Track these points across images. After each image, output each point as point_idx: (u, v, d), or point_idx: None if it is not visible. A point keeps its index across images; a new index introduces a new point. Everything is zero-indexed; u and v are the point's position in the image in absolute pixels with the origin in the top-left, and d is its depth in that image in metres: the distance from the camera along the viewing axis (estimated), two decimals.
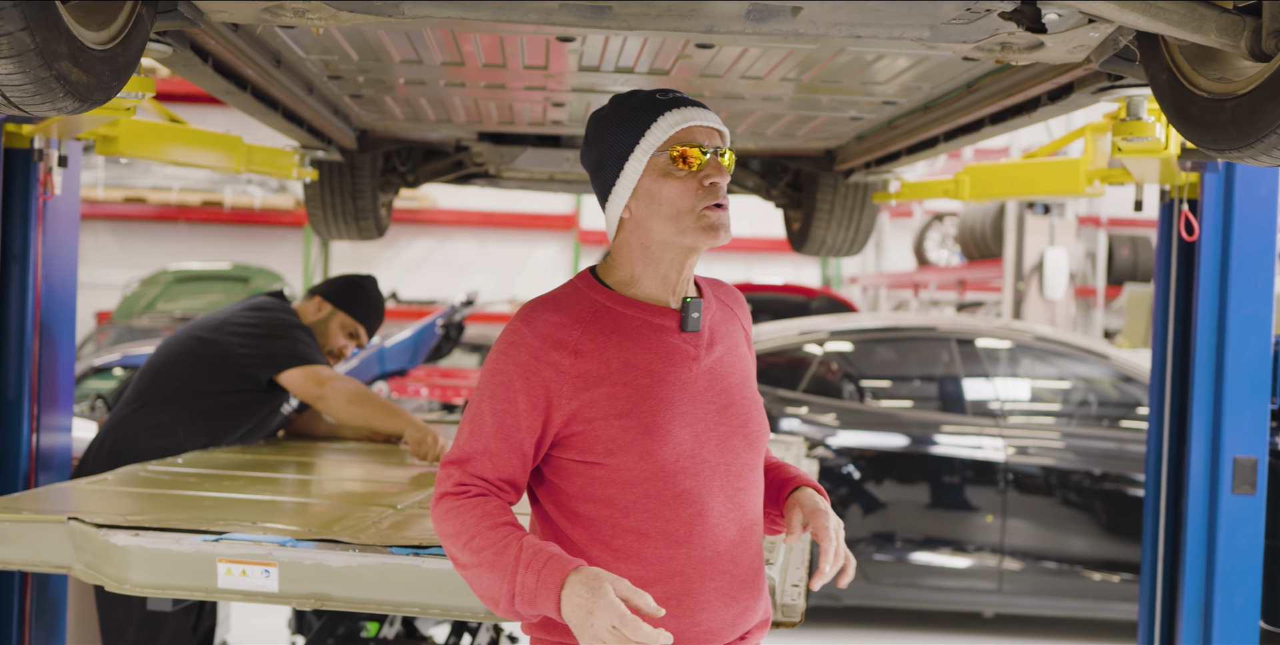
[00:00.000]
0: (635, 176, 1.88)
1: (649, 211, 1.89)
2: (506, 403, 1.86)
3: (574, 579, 1.74)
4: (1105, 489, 6.12)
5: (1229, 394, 3.44)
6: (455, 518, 1.85)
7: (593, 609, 1.70)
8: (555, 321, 1.87)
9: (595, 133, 1.95)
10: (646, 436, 1.85)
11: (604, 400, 1.86)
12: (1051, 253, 9.71)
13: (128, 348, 8.32)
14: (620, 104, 1.94)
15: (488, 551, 1.81)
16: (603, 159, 1.92)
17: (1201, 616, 3.48)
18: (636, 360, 1.88)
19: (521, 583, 1.77)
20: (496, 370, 1.88)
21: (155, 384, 3.77)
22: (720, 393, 1.94)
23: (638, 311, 1.91)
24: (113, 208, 14.24)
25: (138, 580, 2.39)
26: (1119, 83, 2.57)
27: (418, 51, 3.22)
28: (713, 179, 1.87)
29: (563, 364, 1.86)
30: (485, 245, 15.30)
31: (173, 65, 2.81)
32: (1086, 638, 6.41)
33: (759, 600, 1.98)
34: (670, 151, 1.87)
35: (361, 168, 4.89)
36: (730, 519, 1.92)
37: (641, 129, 1.88)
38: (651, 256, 1.91)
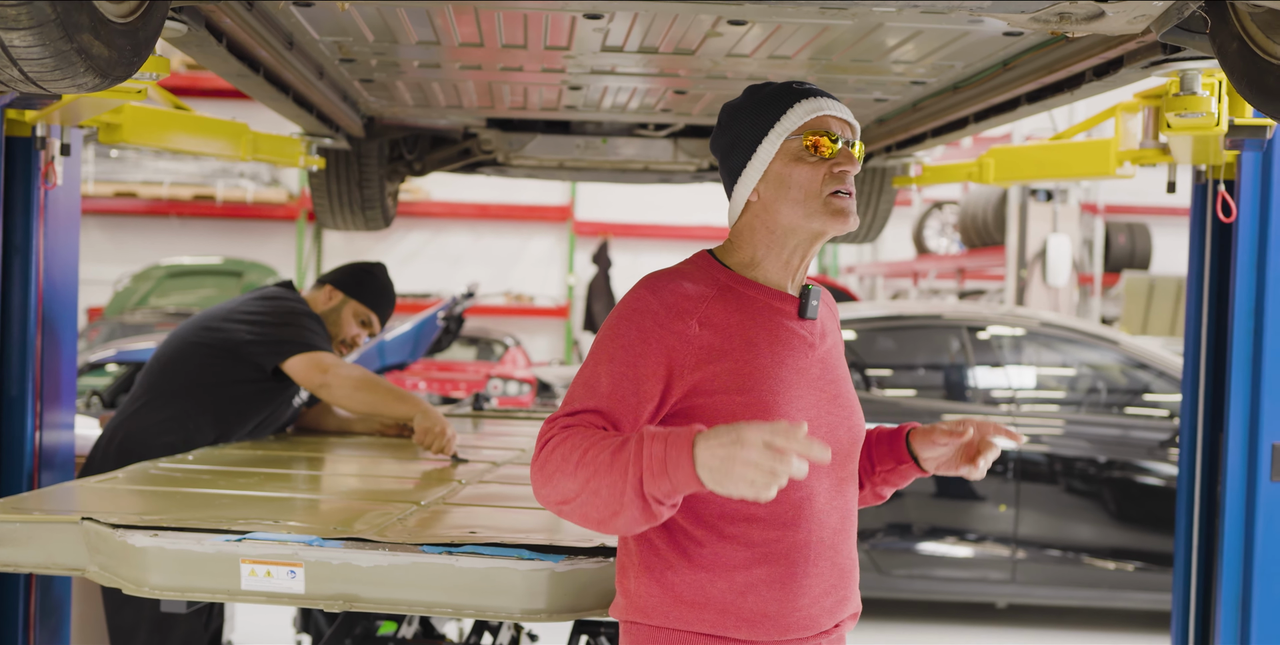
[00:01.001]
0: (767, 160, 1.90)
1: (778, 195, 1.90)
2: (626, 366, 1.83)
3: (706, 432, 1.68)
4: (1117, 477, 6.05)
5: (1267, 379, 3.35)
6: (562, 447, 1.77)
7: (738, 437, 1.63)
8: (682, 291, 1.88)
9: (728, 118, 1.97)
10: (765, 414, 1.84)
11: (725, 375, 1.84)
12: (1054, 239, 9.64)
13: (122, 343, 8.21)
14: (755, 92, 1.96)
15: (604, 454, 1.73)
16: (734, 142, 1.94)
17: (1239, 608, 3.39)
18: (757, 339, 1.88)
19: (650, 455, 1.69)
20: (618, 335, 1.85)
21: (163, 377, 3.68)
22: (830, 382, 1.96)
23: (759, 293, 1.92)
24: (103, 202, 14.08)
25: (157, 582, 2.29)
26: (1175, 55, 2.47)
27: (436, 32, 3.11)
28: (843, 167, 1.89)
29: (688, 333, 1.85)
30: (480, 237, 15.18)
31: (187, 45, 2.70)
32: (1101, 628, 6.35)
33: (853, 591, 1.98)
34: (804, 137, 1.89)
35: (369, 156, 4.79)
36: (834, 506, 1.93)
37: (777, 114, 1.90)
38: (776, 240, 1.93)
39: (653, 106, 4.18)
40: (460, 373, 10.56)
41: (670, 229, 14.86)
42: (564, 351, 14.89)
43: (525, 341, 14.24)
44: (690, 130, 4.75)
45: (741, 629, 1.86)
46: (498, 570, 2.23)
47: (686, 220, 14.73)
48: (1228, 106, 3.01)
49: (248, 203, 13.81)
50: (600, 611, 2.30)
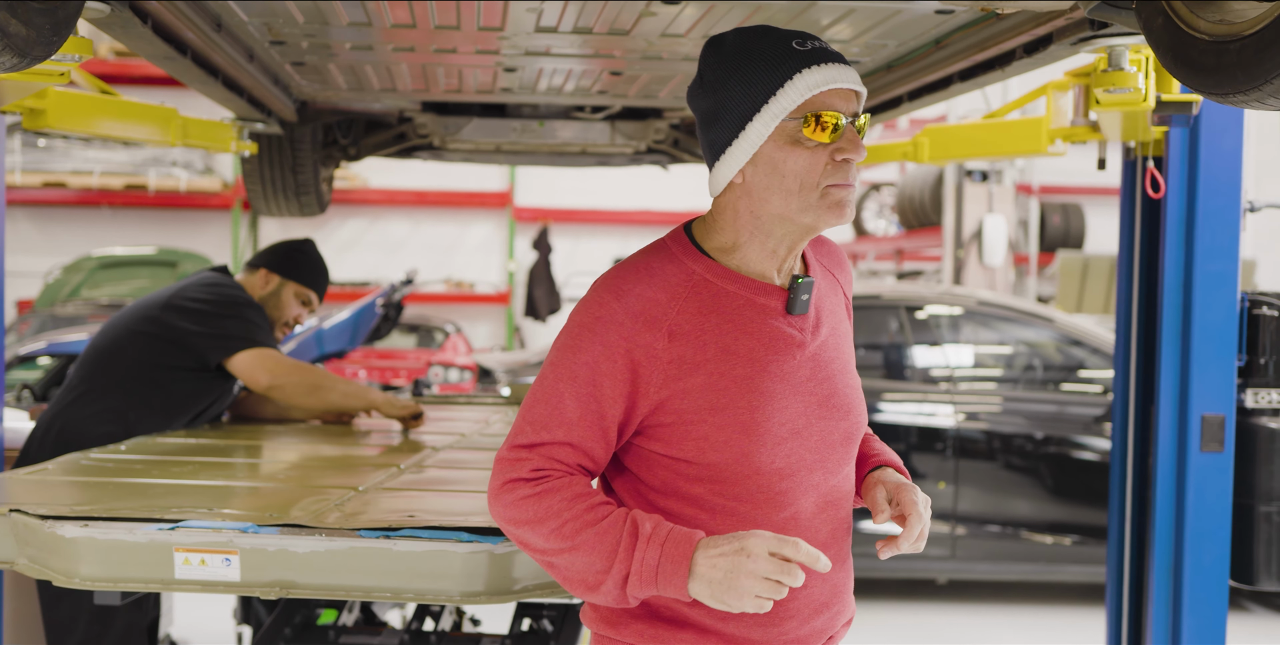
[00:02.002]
0: (758, 141, 1.64)
1: (768, 182, 1.66)
2: (590, 385, 1.65)
3: (706, 542, 1.59)
4: (1054, 452, 6.14)
5: (1196, 352, 3.42)
6: (536, 502, 1.65)
7: (742, 547, 1.55)
8: (650, 296, 1.66)
9: (713, 75, 1.68)
10: (744, 435, 1.66)
11: (698, 391, 1.66)
12: (990, 220, 9.75)
13: (53, 335, 8.06)
14: (748, 46, 1.65)
15: (587, 532, 1.61)
16: (719, 111, 1.67)
17: (1171, 575, 3.46)
18: (735, 346, 1.67)
19: (642, 559, 1.58)
20: (579, 347, 1.66)
21: (101, 367, 3.62)
22: (823, 381, 1.74)
23: (740, 287, 1.70)
24: (31, 193, 13.79)
25: (88, 573, 2.25)
26: (1102, 31, 2.50)
27: (368, 13, 3.07)
28: (846, 154, 1.64)
29: (655, 346, 1.65)
30: (419, 225, 15.06)
31: (110, 27, 2.64)
32: (1039, 601, 6.44)
33: (846, 603, 1.83)
34: (805, 119, 1.63)
35: (302, 141, 4.73)
36: (822, 520, 1.76)
37: (774, 86, 1.62)
38: (761, 228, 1.69)
39: (589, 89, 4.16)
40: (401, 360, 10.49)
41: (611, 214, 14.83)
42: (505, 338, 14.83)
43: (467, 328, 14.17)
44: (627, 113, 4.74)
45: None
46: (436, 553, 2.22)
47: (627, 205, 14.70)
48: (1155, 83, 3.06)
49: (181, 192, 13.58)
50: (541, 593, 2.30)
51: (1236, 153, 3.42)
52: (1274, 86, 1.83)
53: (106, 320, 3.90)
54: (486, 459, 3.41)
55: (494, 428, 4.07)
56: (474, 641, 3.07)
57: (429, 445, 3.53)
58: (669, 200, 14.30)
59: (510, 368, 6.94)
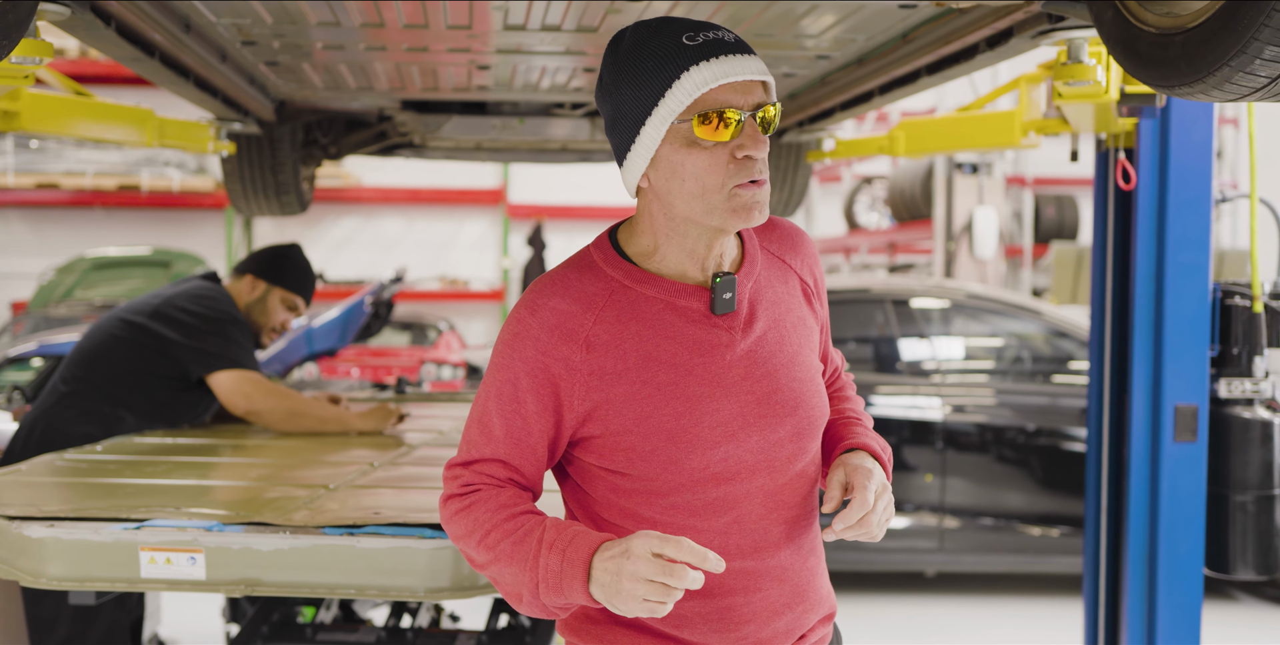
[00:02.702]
0: (653, 145, 1.59)
1: (670, 186, 1.61)
2: (513, 402, 1.64)
3: (605, 545, 1.54)
4: (1042, 444, 6.15)
5: (1168, 342, 3.43)
6: (465, 516, 1.65)
7: (626, 549, 1.50)
8: (564, 309, 1.63)
9: (610, 77, 1.63)
10: (671, 444, 1.62)
11: (621, 402, 1.62)
12: (980, 212, 9.75)
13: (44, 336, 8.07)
14: (641, 44, 1.59)
15: (505, 543, 1.60)
16: (616, 115, 1.62)
17: (1146, 564, 3.48)
18: (657, 352, 1.63)
19: (545, 566, 1.56)
20: (501, 365, 1.66)
21: (87, 370, 3.64)
22: (762, 378, 1.67)
23: (659, 291, 1.65)
24: (24, 194, 13.81)
25: (55, 573, 2.27)
26: (1060, 25, 2.51)
27: (335, 13, 3.08)
28: (747, 152, 1.57)
29: (573, 359, 1.62)
30: (412, 222, 15.08)
31: (72, 29, 2.65)
32: (1027, 592, 6.46)
33: (814, 602, 1.76)
34: (694, 120, 1.56)
35: (281, 140, 4.73)
36: (773, 520, 1.70)
37: (661, 88, 1.56)
38: (676, 230, 1.65)
39: (564, 85, 4.17)
40: (394, 358, 10.51)
41: (604, 210, 14.84)
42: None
43: (461, 325, 14.19)
44: None
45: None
46: (399, 550, 2.23)
47: (620, 201, 14.71)
48: (1120, 75, 3.07)
49: (174, 192, 13.59)
50: None
51: (1207, 144, 3.42)
52: (1217, 78, 1.84)
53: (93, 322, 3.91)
54: None
55: None
56: (450, 638, 3.09)
57: (406, 443, 3.54)
58: None
59: None
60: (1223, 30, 1.79)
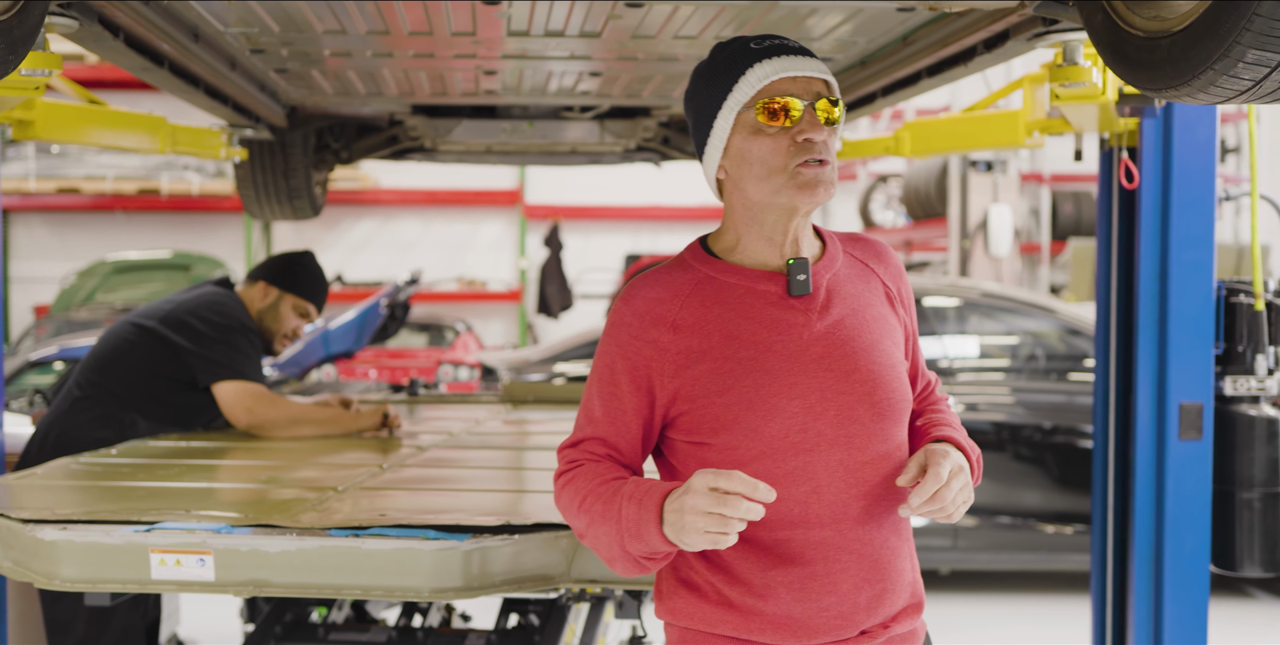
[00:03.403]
0: (725, 135, 1.79)
1: (741, 172, 1.80)
2: (611, 385, 1.82)
3: (673, 492, 1.68)
4: (1055, 442, 6.16)
5: (1173, 341, 3.44)
6: (569, 488, 1.81)
7: (687, 486, 1.63)
8: (653, 297, 1.82)
9: (691, 87, 1.86)
10: (750, 412, 1.76)
11: (706, 377, 1.77)
12: (995, 209, 9.74)
13: (65, 340, 8.16)
14: (715, 55, 1.83)
15: (598, 505, 1.74)
16: (696, 115, 1.84)
17: (1152, 562, 3.49)
18: (739, 332, 1.79)
19: (625, 516, 1.69)
20: (601, 353, 1.85)
21: (102, 375, 3.70)
22: (840, 358, 1.80)
23: (740, 278, 1.82)
24: (46, 199, 13.94)
25: (68, 575, 2.31)
26: (1054, 27, 2.53)
27: (341, 21, 3.12)
28: (806, 135, 1.74)
29: (662, 341, 1.79)
30: (430, 224, 15.14)
31: (82, 40, 2.70)
32: (1042, 590, 6.46)
33: (898, 583, 1.84)
34: (758, 107, 1.75)
35: (293, 145, 4.78)
36: (852, 496, 1.79)
37: (729, 84, 1.77)
38: (753, 218, 1.82)
39: (571, 89, 4.21)
40: (412, 359, 10.57)
41: (621, 210, 14.88)
42: (518, 335, 14.90)
43: (480, 326, 14.24)
44: (615, 112, 4.78)
45: (767, 632, 1.78)
46: (404, 551, 2.27)
47: (637, 201, 14.75)
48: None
49: (194, 195, 13.68)
50: (509, 588, 2.35)
51: (1210, 143, 3.43)
52: (1202, 81, 1.86)
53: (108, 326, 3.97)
54: (471, 457, 3.47)
55: (484, 426, 4.12)
56: (460, 637, 3.12)
57: (415, 444, 3.58)
58: (679, 196, 14.33)
59: (513, 366, 6.99)
60: (1206, 34, 1.81)
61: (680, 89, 4.14)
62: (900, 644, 1.86)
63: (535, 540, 2.33)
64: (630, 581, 2.39)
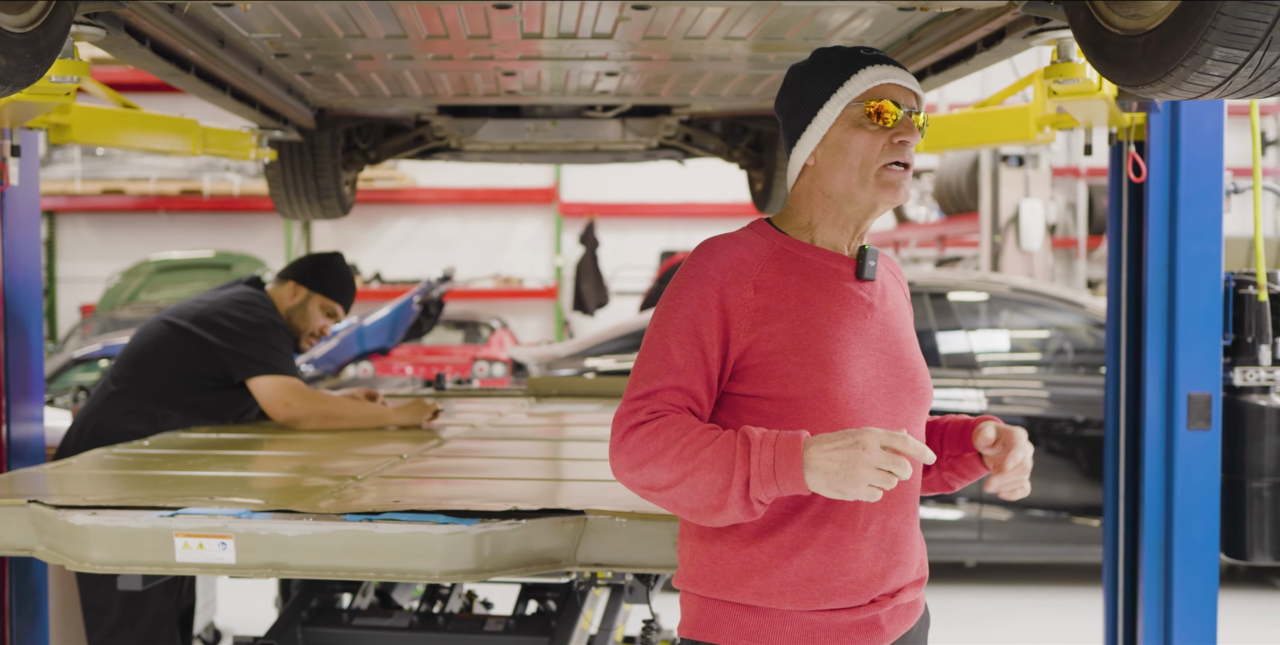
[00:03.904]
0: (827, 124, 1.90)
1: (833, 161, 1.91)
2: (691, 335, 1.86)
3: (816, 439, 1.73)
4: (1086, 435, 6.18)
5: (1181, 332, 3.48)
6: (655, 438, 1.80)
7: (857, 441, 1.69)
8: (738, 256, 1.90)
9: (793, 80, 1.96)
10: (821, 372, 1.85)
11: (781, 335, 1.86)
12: (1027, 204, 9.72)
13: (109, 338, 8.35)
14: (822, 55, 1.95)
15: (706, 451, 1.76)
16: (797, 104, 1.93)
17: (1162, 551, 3.53)
18: (814, 300, 1.89)
19: (759, 461, 1.73)
20: (680, 303, 1.88)
21: (135, 370, 3.82)
22: (892, 344, 1.94)
23: (816, 255, 1.93)
24: (91, 200, 14.20)
25: (97, 558, 2.42)
26: (1046, 26, 2.58)
27: (359, 26, 3.22)
28: (903, 137, 1.88)
29: (744, 296, 1.87)
30: (467, 223, 15.28)
31: (110, 48, 2.81)
32: (1066, 582, 6.48)
33: (911, 556, 1.96)
34: (866, 104, 1.88)
35: (321, 146, 4.90)
36: None
37: (841, 78, 1.89)
38: (832, 206, 1.93)
39: (590, 88, 4.29)
40: (447, 356, 10.69)
41: (656, 207, 14.95)
42: (555, 332, 15.01)
43: (516, 323, 14.36)
44: (637, 110, 4.87)
45: (785, 595, 1.86)
46: (415, 535, 2.36)
47: (672, 198, 14.82)
48: None
49: (234, 195, 13.90)
50: (517, 572, 2.45)
51: (1218, 135, 3.47)
52: (1174, 78, 1.92)
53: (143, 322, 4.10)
54: (490, 448, 3.57)
55: (506, 418, 4.22)
56: (480, 623, 3.22)
57: (437, 436, 3.69)
58: (714, 193, 14.38)
59: (543, 361, 7.08)
60: (1177, 32, 1.87)
61: (695, 88, 4.22)
62: (904, 613, 1.97)
63: (542, 525, 2.42)
64: (638, 565, 2.47)
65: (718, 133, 5.34)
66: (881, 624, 1.91)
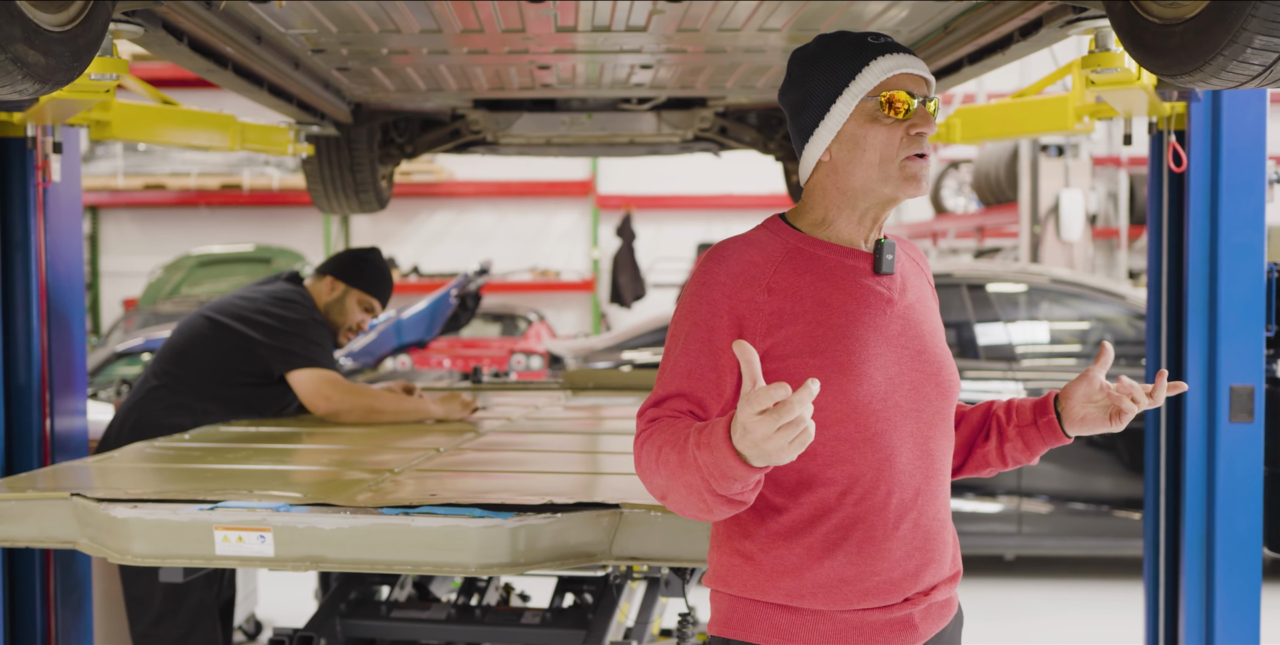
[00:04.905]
0: (841, 120, 1.84)
1: (851, 157, 1.85)
2: (701, 342, 1.83)
3: (730, 431, 1.62)
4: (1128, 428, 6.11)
5: (1223, 323, 3.43)
6: (647, 447, 1.77)
7: (741, 426, 1.57)
8: (748, 259, 1.86)
9: (799, 71, 1.90)
10: (841, 375, 1.82)
11: (798, 338, 1.82)
12: (1067, 194, 9.64)
13: (150, 332, 8.45)
14: (829, 44, 1.88)
15: (675, 454, 1.70)
16: (807, 99, 1.88)
17: (1204, 545, 3.49)
18: (830, 299, 1.85)
19: (704, 464, 1.65)
20: (690, 310, 1.86)
21: (176, 365, 3.87)
22: (914, 338, 1.90)
23: (831, 253, 1.88)
24: (134, 196, 14.36)
25: (139, 551, 2.45)
26: (1084, 15, 2.56)
27: (394, 21, 3.23)
28: (919, 129, 1.83)
29: (757, 300, 1.83)
30: (504, 215, 15.33)
31: (148, 45, 2.84)
32: (1107, 576, 6.44)
33: (944, 553, 1.92)
34: (880, 97, 1.83)
35: (358, 141, 4.92)
36: (917, 467, 1.88)
37: (853, 71, 1.83)
38: (848, 201, 1.88)
39: (625, 81, 4.29)
40: (485, 349, 10.74)
41: (693, 199, 14.94)
42: (591, 324, 15.04)
43: (553, 316, 14.40)
44: (672, 103, 4.86)
45: (818, 596, 1.84)
46: (451, 528, 2.37)
47: (708, 190, 14.80)
48: None
49: (274, 190, 14.02)
50: (552, 565, 2.45)
51: (1260, 124, 3.42)
52: (1214, 67, 1.90)
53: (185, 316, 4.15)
54: (526, 441, 3.58)
55: (542, 412, 4.23)
56: (517, 615, 3.23)
57: (474, 429, 3.70)
58: (750, 184, 14.35)
59: (580, 354, 7.10)
60: (1215, 21, 1.85)
61: (731, 80, 4.20)
62: (938, 611, 1.94)
63: (577, 518, 2.43)
64: (673, 559, 2.47)
65: (753, 124, 5.32)
66: (915, 623, 1.89)
